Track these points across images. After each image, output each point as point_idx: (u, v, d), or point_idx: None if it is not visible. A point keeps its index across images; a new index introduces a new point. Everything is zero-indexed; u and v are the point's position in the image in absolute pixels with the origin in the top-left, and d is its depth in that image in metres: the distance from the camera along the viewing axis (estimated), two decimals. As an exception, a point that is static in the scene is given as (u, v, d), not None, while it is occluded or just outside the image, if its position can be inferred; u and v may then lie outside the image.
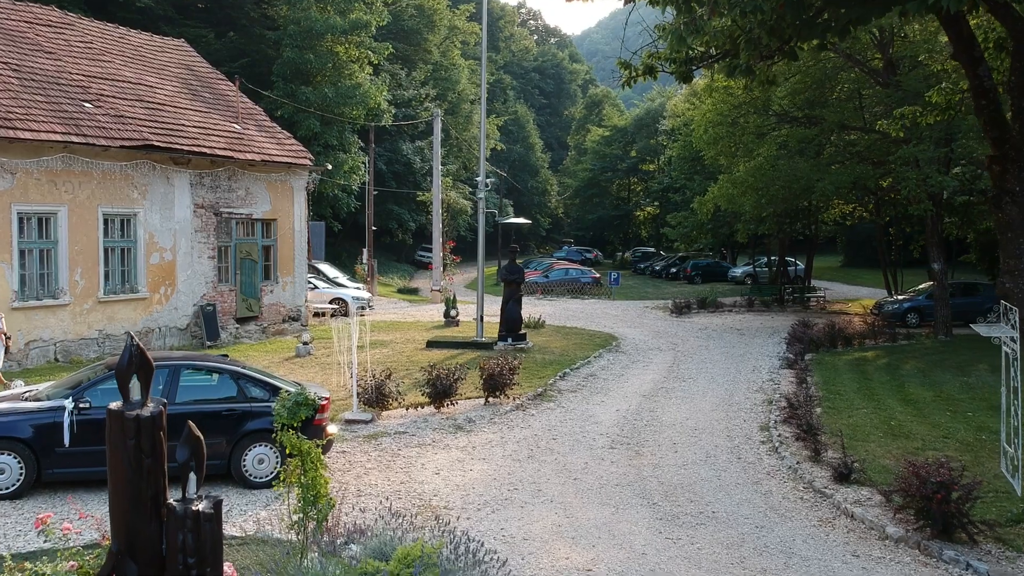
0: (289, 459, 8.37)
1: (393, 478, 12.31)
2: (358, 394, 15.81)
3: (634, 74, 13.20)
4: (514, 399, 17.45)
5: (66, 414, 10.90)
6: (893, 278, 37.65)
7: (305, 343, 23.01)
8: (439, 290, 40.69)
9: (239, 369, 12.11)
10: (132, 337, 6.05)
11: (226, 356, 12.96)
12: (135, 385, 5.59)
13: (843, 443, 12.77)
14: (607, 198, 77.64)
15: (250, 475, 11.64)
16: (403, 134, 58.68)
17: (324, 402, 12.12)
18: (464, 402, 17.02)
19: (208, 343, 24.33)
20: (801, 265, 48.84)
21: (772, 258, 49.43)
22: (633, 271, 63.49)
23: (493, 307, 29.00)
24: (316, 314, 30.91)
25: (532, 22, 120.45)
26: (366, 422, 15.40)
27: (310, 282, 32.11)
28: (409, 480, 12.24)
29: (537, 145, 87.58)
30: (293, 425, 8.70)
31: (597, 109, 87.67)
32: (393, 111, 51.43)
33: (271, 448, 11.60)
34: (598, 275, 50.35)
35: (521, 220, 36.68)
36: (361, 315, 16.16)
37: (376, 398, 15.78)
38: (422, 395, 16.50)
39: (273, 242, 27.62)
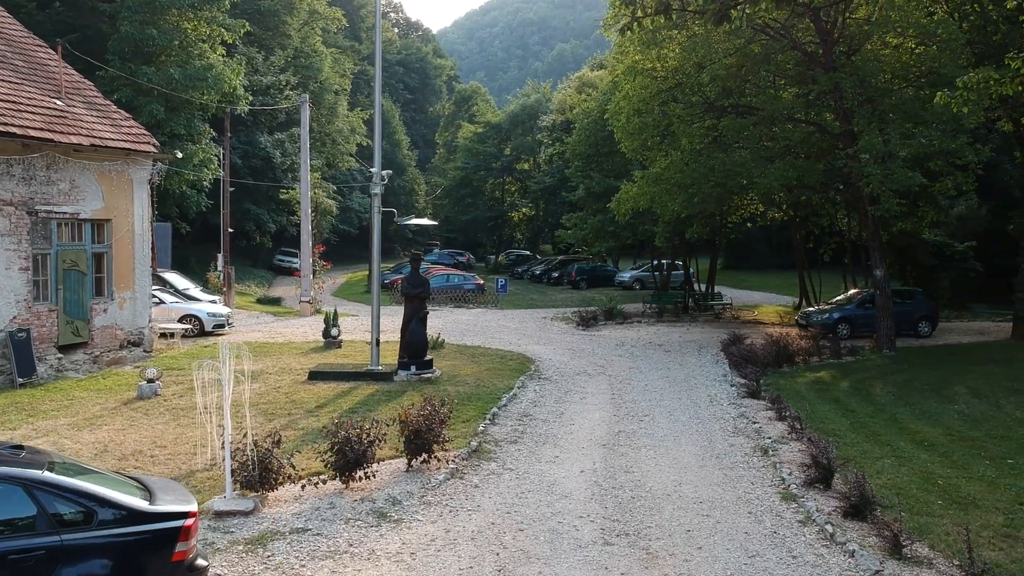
0: None
1: (304, 633, 7.71)
2: (232, 471, 10.98)
3: (640, 14, 9.06)
4: (446, 461, 13.01)
5: None
6: (809, 283, 35.14)
7: (150, 380, 17.74)
8: (309, 301, 35.51)
9: (38, 474, 7.13)
10: None
11: (20, 448, 8.00)
12: None
13: (969, 541, 8.97)
14: (480, 198, 73.40)
15: (60, 660, 6.76)
16: (260, 125, 52.81)
17: (189, 521, 7.39)
18: (380, 467, 12.44)
19: (20, 380, 18.69)
20: (691, 270, 46.13)
21: (661, 262, 46.49)
22: (511, 275, 59.62)
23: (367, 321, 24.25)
24: (163, 335, 25.36)
25: (393, 15, 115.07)
26: (246, 513, 10.62)
27: (155, 296, 26.49)
28: (331, 637, 7.67)
29: (403, 142, 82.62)
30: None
31: (467, 105, 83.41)
32: (250, 99, 45.57)
33: (97, 611, 6.80)
34: (482, 281, 46.12)
35: (426, 220, 32.05)
36: (236, 353, 11.33)
37: (260, 475, 11.00)
38: (323, 463, 11.81)
39: (107, 248, 22.06)
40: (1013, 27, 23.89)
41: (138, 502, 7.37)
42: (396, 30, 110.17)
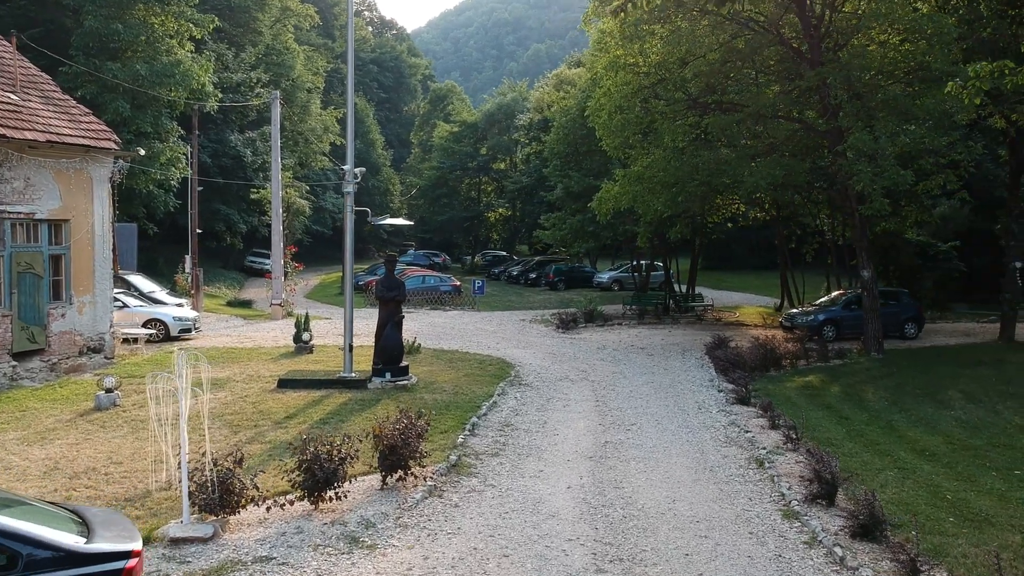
0: None
1: None
2: (190, 493, 10.07)
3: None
4: (423, 477, 12.14)
5: None
6: (793, 285, 34.51)
7: (109, 390, 16.73)
8: (281, 304, 34.47)
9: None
10: None
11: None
12: None
13: (1000, 570, 8.24)
14: (456, 198, 72.36)
15: None
16: (231, 123, 51.51)
17: (132, 562, 6.49)
18: (352, 485, 11.53)
19: (-31, 390, 17.62)
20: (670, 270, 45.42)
21: (640, 262, 45.71)
22: (488, 276, 58.78)
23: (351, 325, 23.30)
24: (126, 340, 24.29)
25: (367, 13, 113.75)
26: (205, 540, 9.71)
27: (117, 299, 25.41)
28: None
29: (378, 141, 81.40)
30: None
31: (442, 104, 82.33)
32: (219, 96, 44.31)
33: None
34: (458, 283, 45.22)
35: (400, 220, 30.99)
36: (194, 362, 10.42)
37: (220, 497, 10.08)
38: (290, 483, 10.91)
39: (65, 250, 20.99)
40: (1002, 21, 23.39)
41: (72, 540, 6.46)
42: (370, 28, 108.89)
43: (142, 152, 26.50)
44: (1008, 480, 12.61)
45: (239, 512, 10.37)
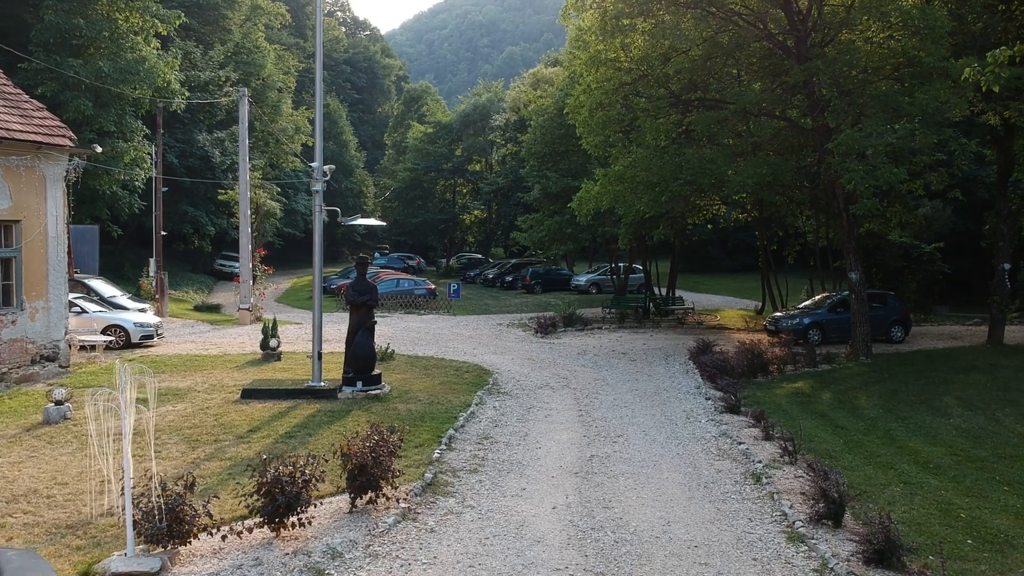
0: None
1: None
2: (136, 522, 9.02)
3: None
4: (396, 499, 11.15)
5: None
6: (775, 287, 33.77)
7: (58, 402, 15.59)
8: (249, 309, 33.29)
9: None
10: None
11: None
12: None
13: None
14: (431, 200, 71.28)
15: None
16: (199, 122, 50.15)
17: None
18: (317, 509, 10.52)
19: (-92, 402, 16.41)
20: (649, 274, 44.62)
21: (618, 265, 44.89)
22: (463, 279, 57.81)
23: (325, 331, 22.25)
24: (83, 348, 23.07)
25: (340, 13, 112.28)
26: (151, 575, 8.67)
27: (75, 305, 24.20)
28: None
29: (351, 143, 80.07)
30: None
31: (417, 105, 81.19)
32: (187, 94, 42.99)
33: None
34: (433, 286, 44.20)
35: (372, 220, 29.89)
36: (139, 374, 9.39)
37: (168, 526, 9.04)
38: (247, 509, 9.88)
39: (16, 252, 19.78)
40: (993, 16, 22.78)
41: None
42: (343, 29, 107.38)
43: (99, 149, 25.27)
44: (1022, 496, 11.83)
45: (191, 542, 9.33)
